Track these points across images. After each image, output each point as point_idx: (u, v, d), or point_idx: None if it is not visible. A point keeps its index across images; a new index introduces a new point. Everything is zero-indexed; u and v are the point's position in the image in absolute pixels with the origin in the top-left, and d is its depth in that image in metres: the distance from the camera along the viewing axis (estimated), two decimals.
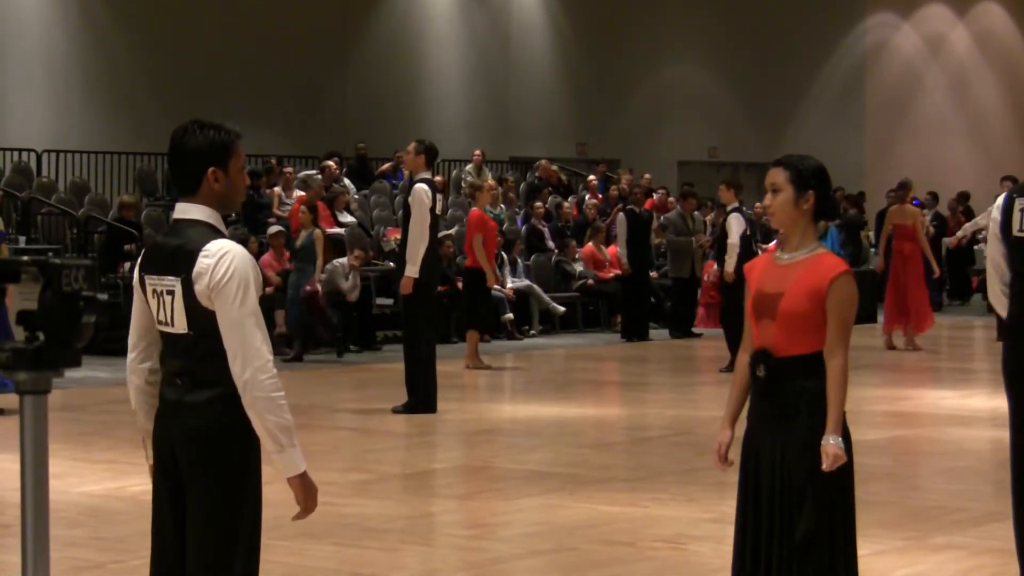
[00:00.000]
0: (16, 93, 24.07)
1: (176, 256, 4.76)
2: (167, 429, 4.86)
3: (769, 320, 5.47)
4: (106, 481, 10.46)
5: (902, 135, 37.41)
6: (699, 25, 33.10)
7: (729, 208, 17.62)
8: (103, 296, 3.17)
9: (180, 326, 4.79)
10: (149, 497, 9.91)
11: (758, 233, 21.71)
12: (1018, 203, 7.39)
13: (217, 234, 4.79)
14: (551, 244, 24.56)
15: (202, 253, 4.69)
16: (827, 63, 36.09)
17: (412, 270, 13.39)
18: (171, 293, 4.77)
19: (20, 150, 23.40)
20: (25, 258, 3.10)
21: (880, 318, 25.09)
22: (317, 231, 18.97)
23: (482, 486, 10.29)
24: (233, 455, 4.77)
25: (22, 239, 20.29)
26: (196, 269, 4.68)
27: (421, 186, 13.69)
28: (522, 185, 27.00)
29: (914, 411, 14.21)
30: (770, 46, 33.97)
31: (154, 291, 4.85)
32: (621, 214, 22.60)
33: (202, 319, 4.73)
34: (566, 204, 26.12)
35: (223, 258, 4.69)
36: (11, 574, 3.09)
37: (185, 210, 4.87)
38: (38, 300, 3.06)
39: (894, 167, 35.38)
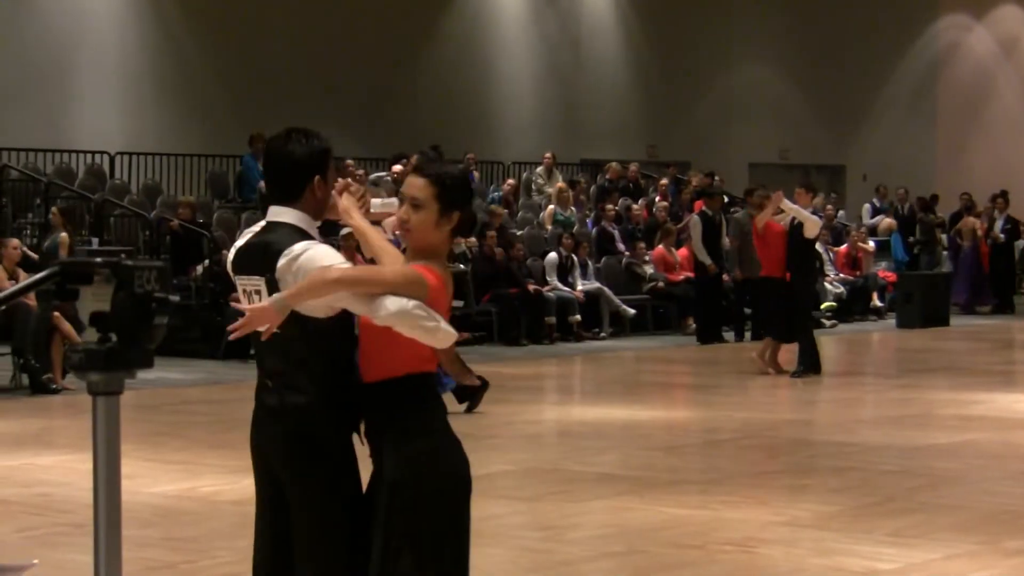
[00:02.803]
0: (90, 97, 24.28)
1: (262, 256, 4.77)
2: (264, 433, 4.84)
3: None
4: (178, 482, 10.53)
5: (974, 137, 37.10)
6: (769, 27, 32.97)
7: (809, 206, 17.75)
8: (175, 298, 3.19)
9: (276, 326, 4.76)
10: (220, 498, 10.00)
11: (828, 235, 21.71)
12: None
13: (305, 237, 4.79)
14: (621, 246, 24.51)
15: (284, 254, 4.70)
16: (899, 64, 35.85)
17: None
18: (258, 293, 4.77)
19: (94, 152, 23.61)
20: (98, 260, 3.11)
21: (952, 322, 25.01)
22: None
23: (551, 488, 10.28)
24: (327, 461, 4.74)
25: (95, 240, 20.44)
26: (279, 269, 4.68)
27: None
28: (592, 187, 26.96)
29: (985, 415, 14.08)
30: (842, 47, 33.76)
31: (244, 290, 4.87)
32: (695, 216, 22.53)
33: (300, 322, 4.70)
34: (636, 206, 26.03)
35: (301, 253, 4.69)
36: (84, 574, 3.13)
37: (279, 213, 4.87)
38: (111, 301, 3.07)
39: (966, 169, 35.14)
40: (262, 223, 4.97)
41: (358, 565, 4.70)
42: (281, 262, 4.69)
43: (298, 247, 4.71)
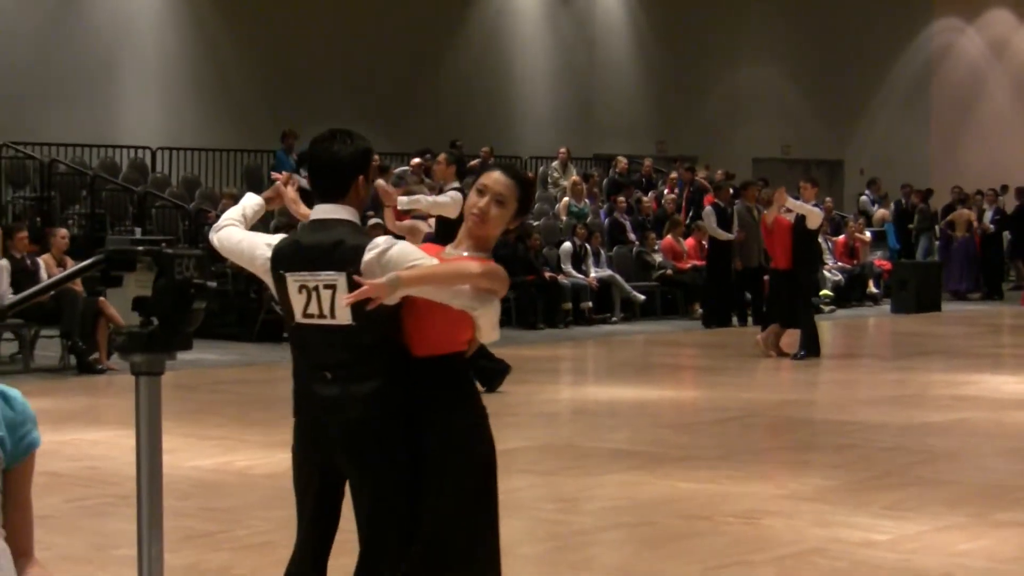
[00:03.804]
0: (132, 95, 24.35)
1: (336, 253, 4.69)
2: (322, 425, 4.76)
3: None
4: (215, 456, 10.56)
5: (966, 134, 37.07)
6: (773, 28, 32.91)
7: (811, 204, 17.80)
8: (212, 284, 3.18)
9: (343, 318, 4.68)
10: (254, 471, 10.01)
11: (828, 226, 21.70)
12: None
13: (364, 232, 4.79)
14: (632, 236, 24.52)
15: (368, 248, 4.66)
16: (895, 65, 35.79)
17: None
18: (330, 287, 4.68)
19: (136, 147, 23.67)
20: (141, 248, 3.11)
21: (944, 307, 24.99)
22: None
23: (566, 463, 10.29)
24: (393, 444, 4.71)
25: (137, 230, 20.49)
26: (366, 263, 4.63)
27: (454, 194, 13.14)
28: (605, 181, 26.95)
29: (977, 395, 14.07)
30: (841, 48, 33.71)
31: (302, 287, 4.74)
32: (709, 206, 22.52)
33: (366, 312, 4.62)
34: (646, 199, 26.06)
35: (390, 248, 4.67)
36: (129, 541, 3.13)
37: (330, 211, 4.81)
38: (152, 287, 3.07)
39: (959, 164, 35.10)
40: (306, 223, 4.92)
41: (411, 537, 4.72)
42: (368, 256, 4.64)
43: (381, 242, 4.69)
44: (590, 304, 22.14)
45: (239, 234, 4.97)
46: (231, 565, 7.46)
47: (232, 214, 5.08)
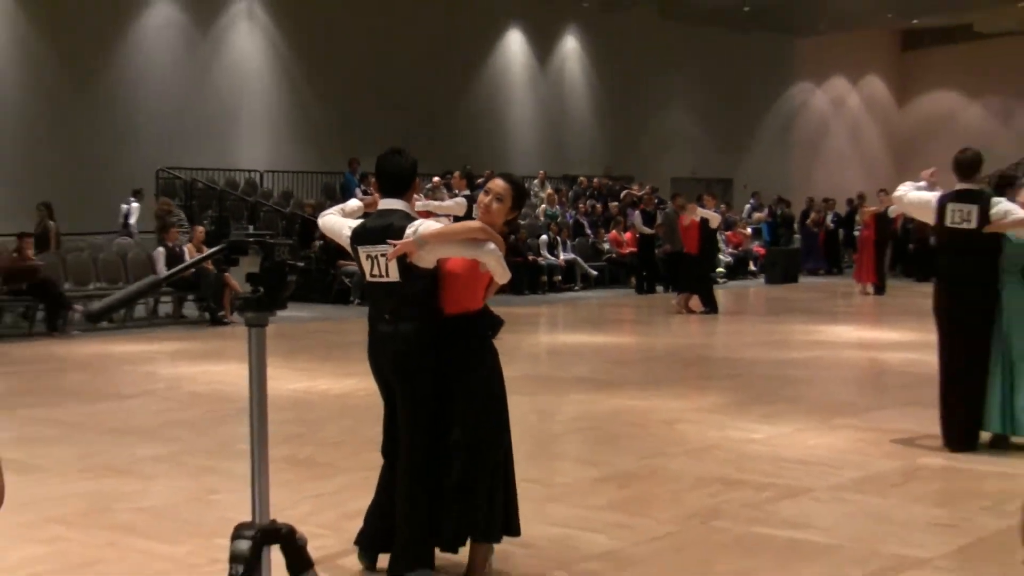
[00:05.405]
0: (246, 133, 24.30)
1: (388, 232, 4.67)
2: (382, 351, 4.73)
3: None
4: (303, 382, 10.56)
5: (816, 162, 37.25)
6: (686, 86, 32.83)
7: (714, 207, 18.21)
8: (300, 264, 3.16)
9: (393, 276, 4.67)
10: (330, 393, 10.00)
11: (723, 225, 21.77)
12: (951, 207, 7.47)
13: (412, 218, 4.75)
14: (589, 231, 24.50)
15: (410, 227, 4.64)
16: (768, 113, 35.75)
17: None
18: (383, 255, 4.68)
19: (249, 170, 23.62)
20: (251, 239, 3.09)
21: (800, 280, 25.00)
22: None
23: (543, 387, 10.31)
24: (424, 365, 4.67)
25: (250, 227, 20.46)
26: (405, 236, 4.62)
27: (459, 199, 13.24)
28: (570, 192, 26.91)
29: (823, 340, 14.09)
30: (732, 101, 33.69)
31: (368, 256, 4.73)
32: (638, 212, 22.60)
33: (408, 271, 4.64)
34: (598, 205, 26.04)
35: (420, 224, 4.65)
36: (245, 439, 3.15)
37: (392, 204, 4.78)
38: (260, 266, 3.06)
39: (811, 182, 35.31)
40: (376, 211, 4.89)
41: (438, 434, 4.71)
42: (407, 232, 4.63)
43: (417, 223, 4.67)
44: (559, 277, 22.19)
45: (335, 219, 4.98)
46: (315, 456, 7.46)
47: (334, 208, 5.10)
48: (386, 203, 4.82)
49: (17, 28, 21.32)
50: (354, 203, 5.15)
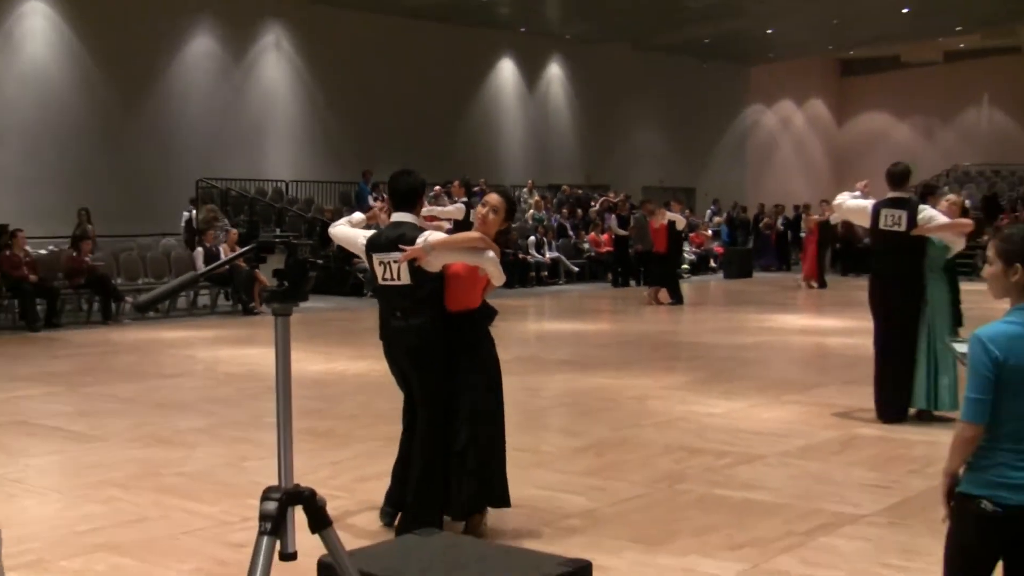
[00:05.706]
0: (273, 146, 24.20)
1: (401, 241, 4.67)
2: (396, 344, 4.73)
3: None
4: (323, 363, 10.55)
5: (768, 173, 37.20)
6: (654, 107, 32.77)
7: (680, 212, 18.33)
8: (320, 261, 3.14)
9: (404, 280, 4.66)
10: (347, 373, 9.97)
11: (687, 227, 21.84)
12: (884, 212, 7.49)
13: (421, 230, 4.73)
14: (571, 232, 24.46)
15: (420, 238, 4.63)
16: (726, 131, 35.71)
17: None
18: (395, 262, 4.66)
19: (276, 180, 23.53)
20: (278, 240, 3.07)
21: (754, 275, 25.02)
22: None
23: (532, 368, 10.31)
24: (436, 356, 4.67)
25: (277, 230, 20.35)
26: (415, 244, 4.62)
27: (459, 204, 13.20)
28: (555, 199, 26.87)
29: (773, 326, 14.10)
30: (694, 119, 33.64)
31: (381, 262, 4.72)
32: (614, 216, 22.60)
33: (419, 275, 4.64)
34: (579, 211, 25.99)
35: (428, 234, 4.66)
36: (272, 413, 3.14)
37: (402, 217, 4.77)
38: (285, 263, 3.04)
39: (763, 191, 35.25)
40: (390, 223, 4.86)
41: (450, 414, 4.71)
42: (419, 240, 4.63)
43: (427, 233, 4.68)
44: (546, 273, 22.14)
45: (345, 230, 4.99)
46: (333, 428, 7.45)
47: (342, 220, 5.10)
48: (398, 216, 4.81)
49: (81, 61, 21.27)
50: (358, 215, 5.15)
